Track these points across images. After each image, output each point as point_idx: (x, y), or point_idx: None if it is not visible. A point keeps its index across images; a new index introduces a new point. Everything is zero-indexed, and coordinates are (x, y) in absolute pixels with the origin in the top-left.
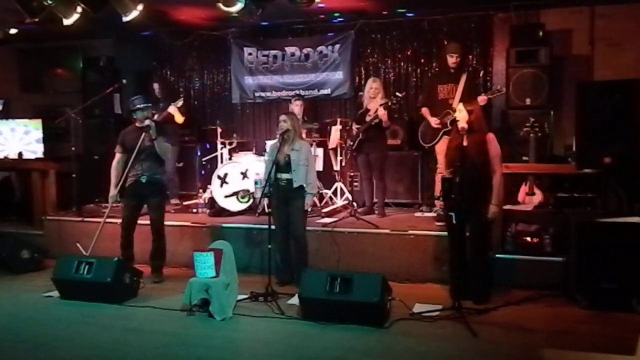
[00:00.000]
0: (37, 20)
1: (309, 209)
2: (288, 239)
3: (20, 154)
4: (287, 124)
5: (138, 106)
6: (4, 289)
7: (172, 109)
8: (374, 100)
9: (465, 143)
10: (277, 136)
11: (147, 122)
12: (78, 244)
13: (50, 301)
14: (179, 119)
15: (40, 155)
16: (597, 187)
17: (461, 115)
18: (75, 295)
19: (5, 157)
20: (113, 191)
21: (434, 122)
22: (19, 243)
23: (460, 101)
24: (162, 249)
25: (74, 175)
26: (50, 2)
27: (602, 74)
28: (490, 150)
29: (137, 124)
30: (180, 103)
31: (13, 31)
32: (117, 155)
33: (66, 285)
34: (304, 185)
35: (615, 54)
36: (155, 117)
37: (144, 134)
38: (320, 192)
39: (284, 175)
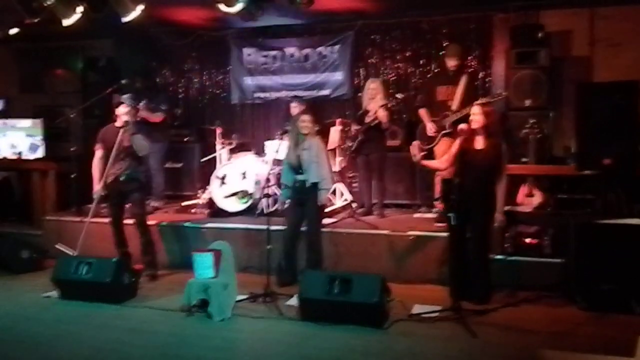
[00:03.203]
0: (37, 20)
1: (324, 204)
2: (296, 240)
3: (19, 153)
4: (309, 123)
5: (122, 100)
6: (3, 289)
7: (144, 114)
8: (373, 101)
9: (479, 146)
10: (282, 136)
11: (124, 117)
12: (60, 246)
13: (49, 301)
14: (155, 119)
15: (40, 155)
16: (596, 188)
17: (476, 117)
18: (74, 295)
19: (5, 157)
20: (97, 187)
21: (429, 129)
22: (18, 243)
23: (460, 103)
24: (150, 243)
25: (73, 176)
26: (50, 3)
27: (601, 75)
28: (502, 155)
29: (116, 124)
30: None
31: (13, 31)
32: (98, 153)
33: (65, 285)
34: (318, 182)
35: (615, 55)
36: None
37: (121, 132)
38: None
39: (298, 177)
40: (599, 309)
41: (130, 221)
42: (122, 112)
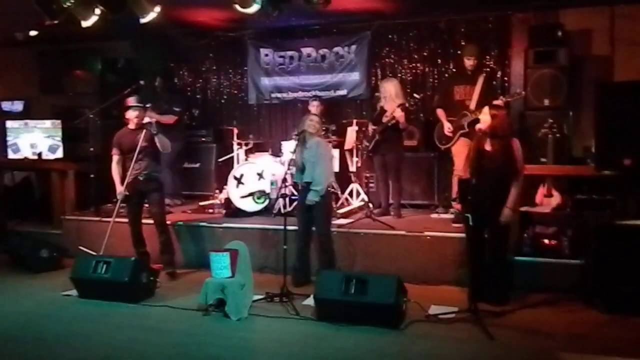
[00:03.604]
0: (56, 22)
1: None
2: (308, 241)
3: (39, 154)
4: (315, 123)
5: (131, 104)
6: (23, 287)
7: (154, 117)
8: (390, 101)
9: (488, 147)
10: (298, 136)
11: (146, 119)
12: (83, 248)
13: (68, 300)
14: (166, 120)
15: (59, 155)
16: (616, 189)
17: (484, 118)
18: (93, 294)
19: (25, 158)
20: (120, 188)
21: (446, 128)
22: (38, 242)
23: (478, 103)
24: (169, 242)
25: (92, 176)
26: (69, 4)
27: (622, 75)
28: (515, 156)
29: (129, 126)
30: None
31: (33, 33)
32: (115, 157)
33: (84, 284)
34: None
35: (636, 55)
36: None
37: (141, 134)
38: (335, 192)
39: (305, 177)
40: (618, 311)
41: (149, 221)
42: (133, 116)
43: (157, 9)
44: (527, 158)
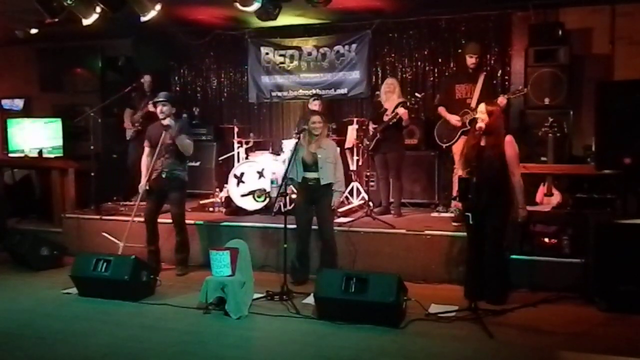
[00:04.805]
0: (57, 20)
1: (335, 207)
2: (309, 239)
3: (40, 152)
4: (321, 124)
5: (156, 100)
6: (23, 285)
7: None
8: (391, 99)
9: (483, 143)
10: (299, 135)
11: (166, 121)
12: (107, 234)
13: (68, 298)
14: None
15: (59, 154)
16: (616, 187)
17: (482, 115)
18: (93, 292)
19: (25, 156)
20: (143, 181)
21: (454, 119)
22: (38, 240)
23: (478, 101)
24: (184, 242)
25: (92, 174)
26: (69, 2)
27: (622, 74)
28: (507, 152)
29: (162, 122)
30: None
31: (34, 31)
32: (146, 150)
33: (84, 283)
34: (332, 183)
35: (636, 53)
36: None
37: (164, 132)
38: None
39: (311, 175)
40: (618, 310)
41: (168, 221)
42: (158, 111)
43: (158, 7)
44: (527, 157)
